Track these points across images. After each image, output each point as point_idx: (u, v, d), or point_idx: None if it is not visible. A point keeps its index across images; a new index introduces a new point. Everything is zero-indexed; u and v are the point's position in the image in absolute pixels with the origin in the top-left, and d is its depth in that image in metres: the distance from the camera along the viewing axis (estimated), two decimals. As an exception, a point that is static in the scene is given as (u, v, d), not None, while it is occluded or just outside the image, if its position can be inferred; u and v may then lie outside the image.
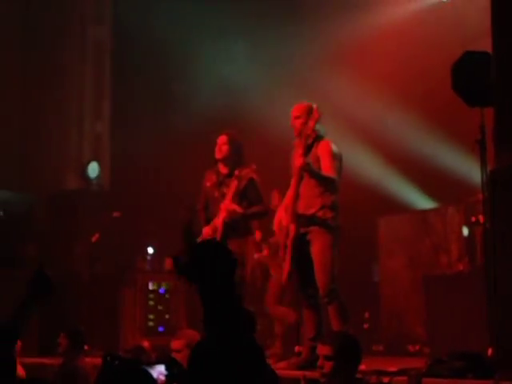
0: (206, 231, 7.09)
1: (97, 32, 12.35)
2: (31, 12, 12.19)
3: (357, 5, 10.55)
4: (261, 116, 10.39)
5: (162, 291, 9.86)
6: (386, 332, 9.81)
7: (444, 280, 8.82)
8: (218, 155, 7.25)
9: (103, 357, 3.77)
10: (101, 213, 10.65)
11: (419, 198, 10.41)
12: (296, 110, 6.76)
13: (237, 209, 7.03)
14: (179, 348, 5.58)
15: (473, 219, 8.38)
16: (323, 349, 4.73)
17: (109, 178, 11.97)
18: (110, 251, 10.42)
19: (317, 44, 10.70)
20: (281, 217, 6.77)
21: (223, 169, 7.25)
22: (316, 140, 6.56)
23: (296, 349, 7.15)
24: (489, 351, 5.58)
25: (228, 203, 7.05)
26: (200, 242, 6.11)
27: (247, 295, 7.29)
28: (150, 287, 9.87)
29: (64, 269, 9.70)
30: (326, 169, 6.57)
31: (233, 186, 7.08)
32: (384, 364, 6.49)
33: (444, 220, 9.43)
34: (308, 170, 6.48)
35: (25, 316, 3.94)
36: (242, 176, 7.09)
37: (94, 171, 11.19)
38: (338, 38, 10.59)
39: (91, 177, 11.15)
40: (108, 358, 3.73)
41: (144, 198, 11.49)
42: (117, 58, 12.29)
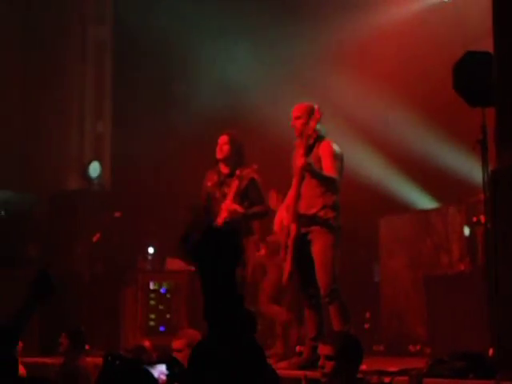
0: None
1: (97, 32, 12.35)
2: (31, 12, 12.19)
3: (358, 4, 10.54)
4: (262, 116, 10.39)
5: (163, 291, 9.86)
6: (387, 332, 9.79)
7: (445, 280, 8.80)
8: (219, 155, 7.25)
9: (104, 356, 3.77)
10: (102, 213, 10.65)
11: (420, 198, 10.40)
12: (296, 111, 6.76)
13: (238, 209, 7.04)
14: (180, 348, 5.58)
15: (474, 219, 8.37)
16: (324, 349, 4.73)
17: (110, 178, 11.96)
18: (111, 251, 10.42)
19: (318, 44, 10.70)
20: (282, 217, 6.78)
21: (224, 169, 7.26)
22: (317, 140, 6.56)
23: (297, 349, 7.16)
24: (490, 351, 5.58)
25: (229, 203, 7.05)
26: (216, 226, 6.11)
27: (248, 295, 7.30)
28: (151, 287, 9.87)
29: (65, 268, 9.70)
30: (328, 169, 6.57)
31: (234, 186, 7.08)
32: (385, 364, 6.49)
33: (445, 220, 9.42)
34: (309, 170, 6.48)
35: (27, 316, 3.94)
36: (243, 176, 7.09)
37: (95, 171, 11.18)
38: (339, 38, 10.59)
39: (92, 177, 11.14)
40: (109, 358, 3.73)
41: (145, 198, 11.49)
42: (117, 58, 12.29)
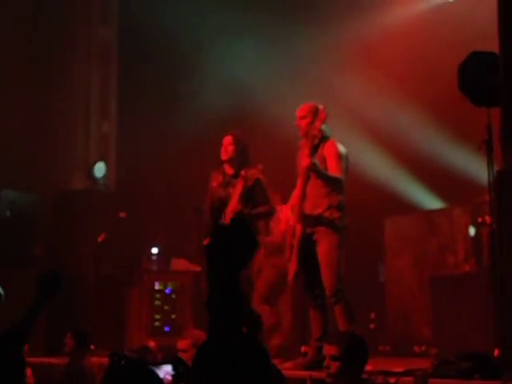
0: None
1: (103, 32, 12.36)
2: (38, 12, 12.21)
3: (364, 5, 10.54)
4: (268, 116, 10.38)
5: (168, 291, 9.86)
6: (392, 332, 9.78)
7: (450, 280, 8.79)
8: (224, 156, 7.25)
9: (110, 357, 3.78)
10: (107, 213, 10.65)
11: (426, 198, 10.39)
12: (301, 111, 6.77)
13: (243, 209, 7.03)
14: (185, 348, 5.59)
15: (479, 220, 8.37)
16: (329, 349, 4.73)
17: (115, 178, 11.97)
18: (116, 251, 10.43)
19: (324, 44, 10.68)
20: (287, 217, 6.78)
21: (229, 169, 7.25)
22: (322, 140, 6.56)
23: (302, 349, 7.15)
24: (496, 352, 5.57)
25: (234, 204, 7.05)
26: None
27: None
28: (156, 287, 9.87)
29: (70, 269, 9.71)
30: (333, 169, 6.57)
31: (239, 187, 7.08)
32: (390, 364, 6.48)
33: (450, 220, 9.40)
34: (315, 170, 6.48)
35: (35, 317, 3.95)
36: (248, 176, 7.09)
37: (101, 171, 11.18)
38: (346, 38, 10.58)
39: (97, 177, 11.14)
40: (115, 358, 3.73)
41: (150, 198, 11.49)
42: (123, 58, 12.30)
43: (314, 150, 6.45)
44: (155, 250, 10.74)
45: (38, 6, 12.20)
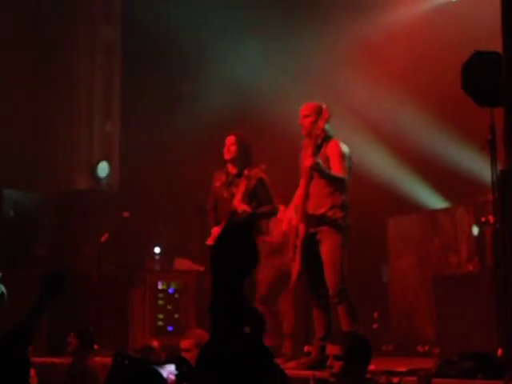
0: (216, 231, 7.09)
1: (106, 32, 12.36)
2: (40, 12, 12.22)
3: (367, 5, 10.53)
4: (272, 116, 10.38)
5: (172, 291, 9.86)
6: (396, 332, 9.78)
7: (454, 280, 8.79)
8: (227, 156, 7.26)
9: (114, 356, 3.78)
10: (110, 213, 10.66)
11: (429, 198, 10.38)
12: (305, 109, 6.77)
13: (246, 209, 7.04)
14: (188, 347, 5.58)
15: (483, 219, 8.36)
16: (333, 349, 4.73)
17: (118, 178, 11.97)
18: (120, 251, 10.43)
19: (328, 44, 10.68)
20: (288, 217, 6.78)
21: (232, 169, 7.26)
22: (325, 140, 6.56)
23: (305, 349, 7.15)
24: (499, 351, 5.57)
25: (237, 203, 7.05)
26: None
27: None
28: (160, 287, 9.87)
29: (73, 269, 9.72)
30: (336, 168, 6.57)
31: (242, 186, 7.09)
32: (393, 364, 6.49)
33: (454, 220, 9.40)
34: (318, 170, 6.48)
35: (38, 317, 3.95)
36: (252, 176, 7.10)
37: (104, 171, 11.18)
38: (349, 38, 10.58)
39: (101, 177, 11.15)
40: (118, 358, 3.73)
41: (153, 198, 11.50)
42: (126, 58, 12.30)
43: (317, 150, 6.45)
44: (158, 250, 10.75)
45: (38, 6, 12.19)
